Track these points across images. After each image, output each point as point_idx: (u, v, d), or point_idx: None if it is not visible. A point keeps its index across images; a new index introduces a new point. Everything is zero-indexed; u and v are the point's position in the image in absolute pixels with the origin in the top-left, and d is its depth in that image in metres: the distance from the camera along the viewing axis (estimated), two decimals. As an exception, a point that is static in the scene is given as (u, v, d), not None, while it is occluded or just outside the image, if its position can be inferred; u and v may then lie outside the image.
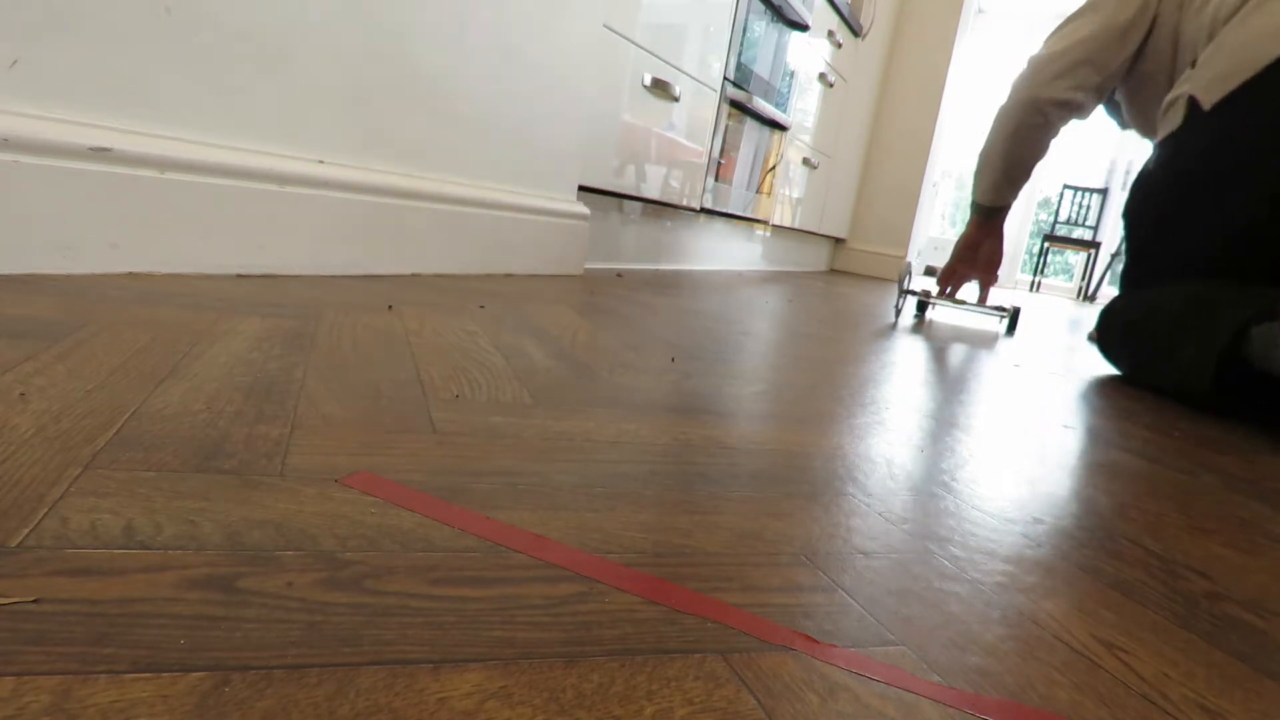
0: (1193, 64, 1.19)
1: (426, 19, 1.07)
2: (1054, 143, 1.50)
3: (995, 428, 0.72)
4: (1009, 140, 1.47)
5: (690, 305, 1.31)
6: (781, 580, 0.33)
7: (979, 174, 1.57)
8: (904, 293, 1.68)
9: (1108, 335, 1.27)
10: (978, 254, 1.68)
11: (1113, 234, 5.48)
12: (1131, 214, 1.29)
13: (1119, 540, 0.46)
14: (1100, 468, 0.64)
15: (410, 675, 0.23)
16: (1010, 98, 1.47)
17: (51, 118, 0.71)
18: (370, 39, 1.00)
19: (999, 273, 1.70)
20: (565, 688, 0.24)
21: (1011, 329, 1.73)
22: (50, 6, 0.70)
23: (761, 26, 2.17)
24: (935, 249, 5.11)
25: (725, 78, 2.04)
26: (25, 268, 0.70)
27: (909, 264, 1.67)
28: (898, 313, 1.69)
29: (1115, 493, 0.57)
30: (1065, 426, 0.79)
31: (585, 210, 1.50)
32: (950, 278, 1.73)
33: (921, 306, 1.83)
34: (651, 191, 1.82)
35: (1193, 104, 1.14)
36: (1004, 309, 1.74)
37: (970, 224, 1.67)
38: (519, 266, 1.34)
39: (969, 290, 2.44)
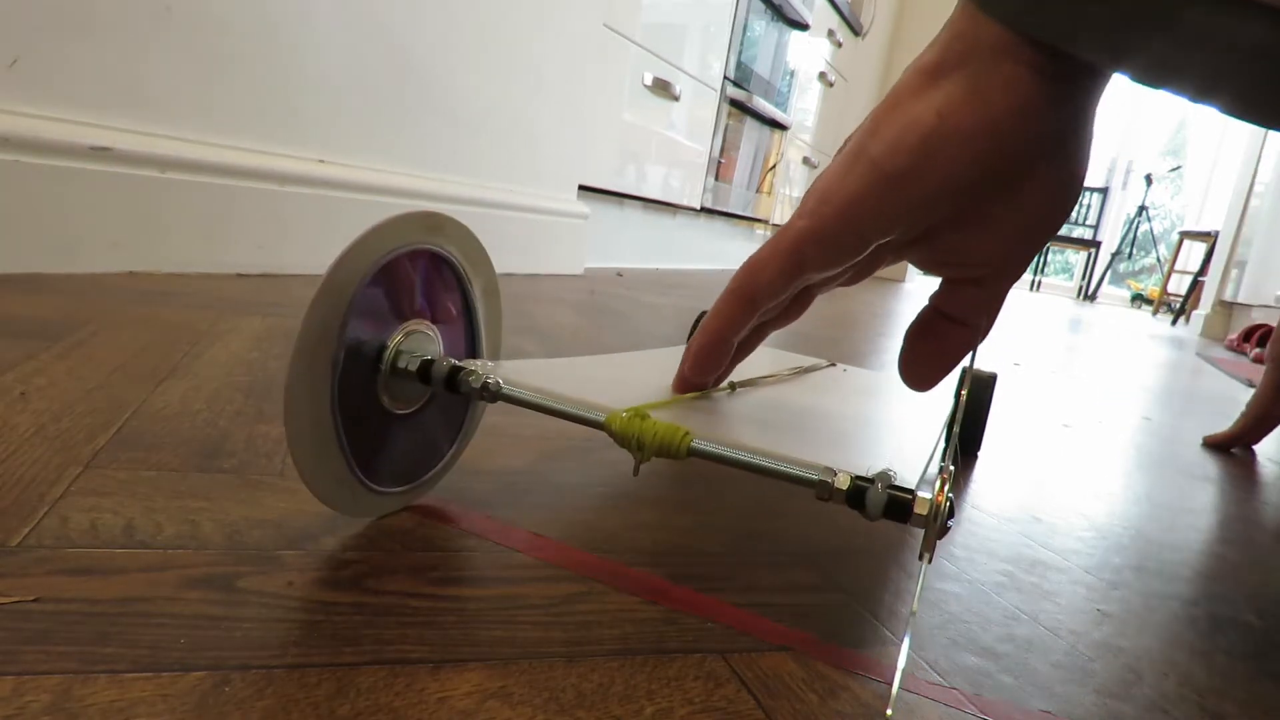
0: None
1: (427, 19, 1.07)
2: None
3: (994, 427, 0.72)
4: None
5: (691, 305, 1.31)
6: (781, 580, 0.33)
7: None
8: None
9: None
10: (1008, 166, 0.27)
11: (1113, 233, 5.48)
12: None
13: (1118, 538, 0.46)
14: (1099, 466, 0.64)
15: (410, 675, 0.23)
16: None
17: (51, 118, 0.71)
18: (371, 39, 0.99)
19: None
20: (565, 687, 0.24)
21: (968, 453, 0.60)
22: (50, 6, 0.70)
23: (761, 26, 2.17)
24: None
25: (725, 77, 2.04)
26: (25, 268, 0.70)
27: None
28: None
29: (1114, 491, 0.57)
30: (1064, 425, 0.79)
31: (585, 209, 1.50)
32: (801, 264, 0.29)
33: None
34: (651, 191, 1.82)
35: None
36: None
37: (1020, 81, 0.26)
38: (519, 266, 1.34)
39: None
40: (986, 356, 1.18)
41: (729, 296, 0.31)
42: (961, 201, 0.28)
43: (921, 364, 0.32)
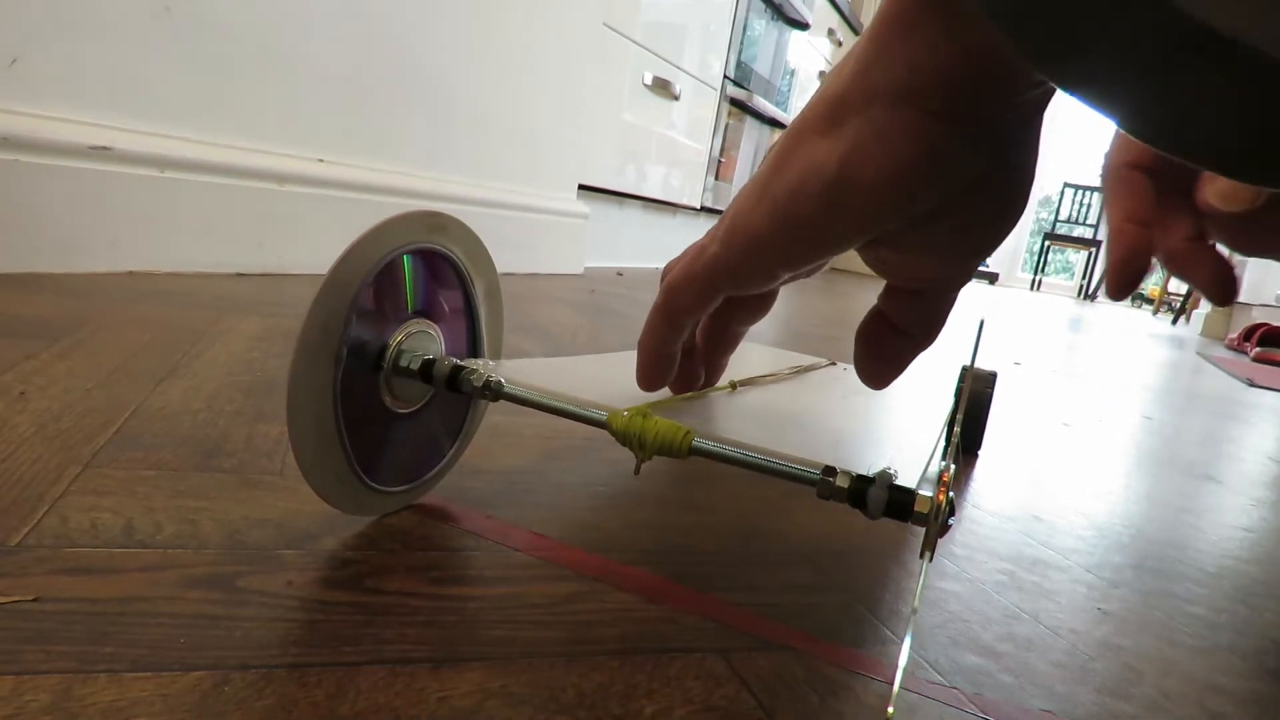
0: None
1: (427, 19, 1.07)
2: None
3: (994, 426, 0.72)
4: None
5: (690, 304, 1.31)
6: (781, 580, 0.33)
7: None
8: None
9: None
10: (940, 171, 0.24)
11: (1113, 232, 5.48)
12: None
13: (1119, 537, 0.46)
14: (1100, 465, 0.64)
15: (410, 674, 0.23)
16: None
17: (51, 117, 0.71)
18: (370, 38, 0.99)
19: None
20: (565, 687, 0.24)
21: (968, 451, 0.60)
22: (50, 6, 0.70)
23: (762, 25, 2.17)
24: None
25: (725, 76, 2.04)
26: (25, 267, 0.70)
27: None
28: None
29: (1114, 490, 0.57)
30: (1065, 424, 0.79)
31: (585, 209, 1.50)
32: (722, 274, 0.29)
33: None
34: (651, 190, 1.82)
35: None
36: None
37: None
38: (519, 265, 1.34)
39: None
40: (987, 356, 1.18)
41: (654, 314, 0.32)
42: (878, 235, 0.26)
43: (871, 367, 0.32)
